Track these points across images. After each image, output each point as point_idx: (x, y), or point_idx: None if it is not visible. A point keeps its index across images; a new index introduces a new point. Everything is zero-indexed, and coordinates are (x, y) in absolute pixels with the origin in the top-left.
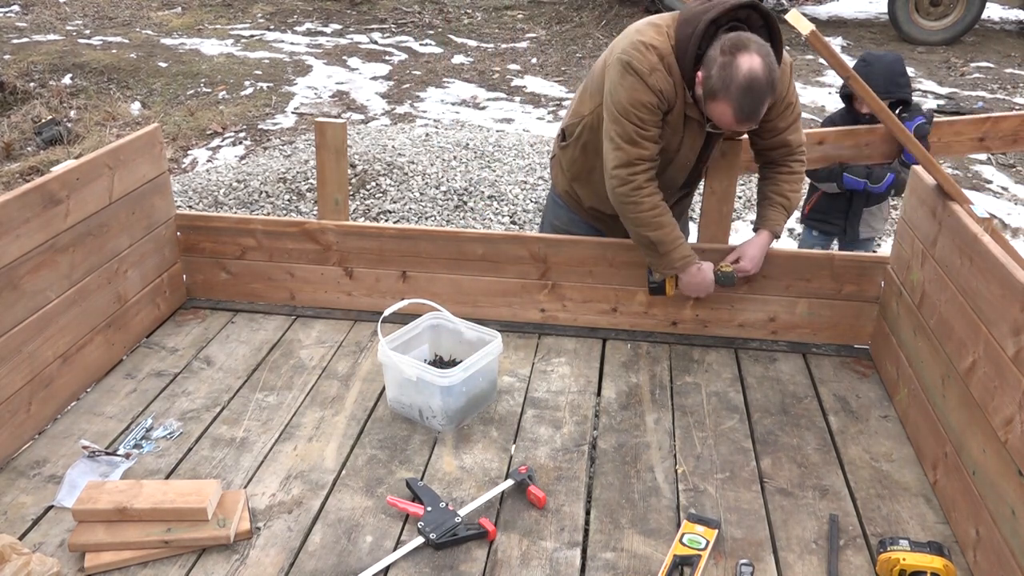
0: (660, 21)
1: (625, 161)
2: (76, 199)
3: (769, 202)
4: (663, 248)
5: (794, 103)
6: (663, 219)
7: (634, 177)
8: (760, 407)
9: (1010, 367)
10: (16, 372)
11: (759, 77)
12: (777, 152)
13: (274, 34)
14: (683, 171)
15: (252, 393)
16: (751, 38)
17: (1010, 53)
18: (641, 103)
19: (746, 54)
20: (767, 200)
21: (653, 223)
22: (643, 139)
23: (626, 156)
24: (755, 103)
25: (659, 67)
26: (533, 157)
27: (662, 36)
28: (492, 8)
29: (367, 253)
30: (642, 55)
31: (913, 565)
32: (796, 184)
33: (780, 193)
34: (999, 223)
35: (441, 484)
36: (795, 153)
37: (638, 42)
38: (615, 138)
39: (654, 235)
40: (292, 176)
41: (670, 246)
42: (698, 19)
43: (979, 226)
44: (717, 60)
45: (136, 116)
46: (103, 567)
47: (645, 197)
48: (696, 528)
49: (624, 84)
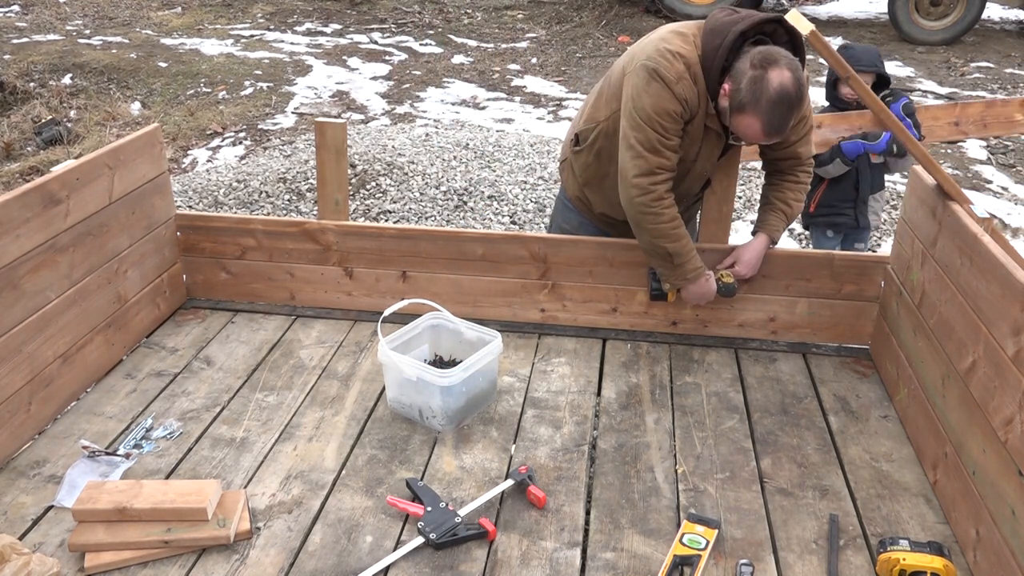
0: (685, 30)
1: (646, 170)
2: (76, 199)
3: (771, 207)
4: (679, 260)
5: (808, 116)
6: (680, 231)
7: (655, 187)
8: (760, 407)
9: (1010, 367)
10: (16, 372)
11: (789, 92)
12: (786, 163)
13: (274, 34)
14: (700, 180)
15: (252, 393)
16: (781, 52)
17: (1010, 53)
18: (667, 111)
19: (776, 69)
20: (769, 205)
21: (672, 235)
22: (665, 148)
23: (647, 165)
24: (784, 118)
25: (686, 76)
26: (533, 157)
27: (689, 45)
28: (492, 8)
29: (367, 253)
30: (669, 63)
31: (913, 565)
32: (800, 194)
33: (783, 200)
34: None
35: (441, 484)
36: (803, 164)
37: (664, 50)
38: (636, 145)
39: (672, 247)
40: (292, 176)
41: (685, 257)
42: (727, 30)
43: (979, 226)
44: (747, 73)
45: (136, 116)
46: (103, 567)
47: (665, 208)
48: (696, 528)
49: (650, 91)
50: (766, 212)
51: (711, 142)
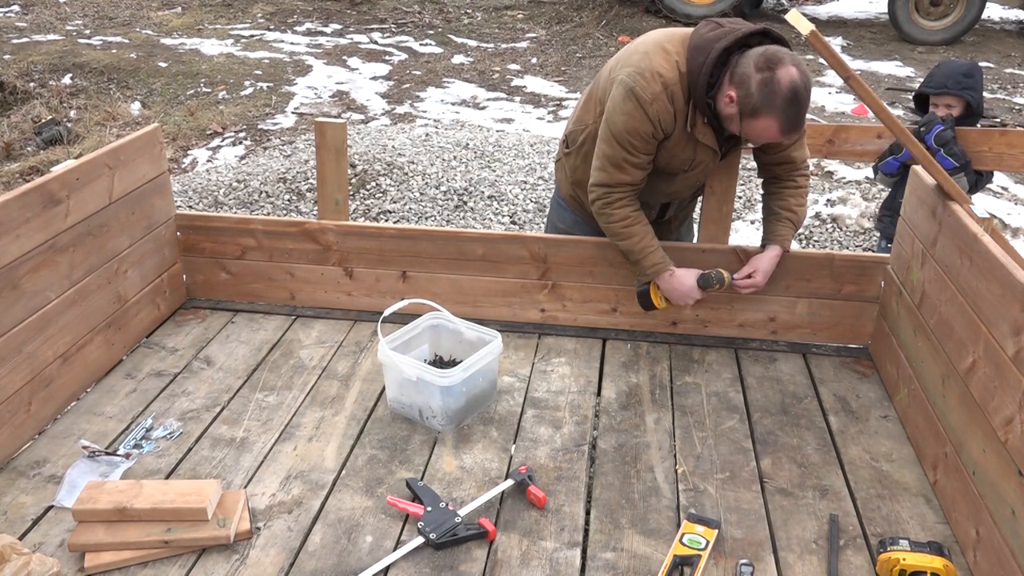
0: (670, 46)
1: (606, 182)
2: (76, 199)
3: (776, 217)
4: (632, 256)
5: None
6: (632, 229)
7: (609, 195)
8: (760, 407)
9: (1010, 367)
10: (16, 372)
11: (800, 87)
12: (781, 168)
13: (274, 34)
14: (691, 188)
15: (252, 393)
16: (782, 50)
17: (1010, 53)
18: (637, 131)
19: (784, 67)
20: (774, 215)
21: (622, 233)
22: (630, 166)
23: (608, 178)
24: (799, 114)
25: (662, 96)
26: (533, 157)
27: (670, 64)
28: (492, 8)
29: (367, 253)
30: (647, 82)
31: (913, 565)
32: (802, 199)
33: (787, 208)
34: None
35: (441, 484)
36: (799, 169)
37: (645, 69)
38: (602, 158)
39: (624, 244)
40: (292, 176)
41: (639, 255)
42: (710, 47)
43: (979, 226)
44: (755, 77)
45: (136, 116)
46: (103, 567)
47: (616, 210)
48: (696, 528)
49: (624, 109)
50: (772, 223)
51: (706, 154)
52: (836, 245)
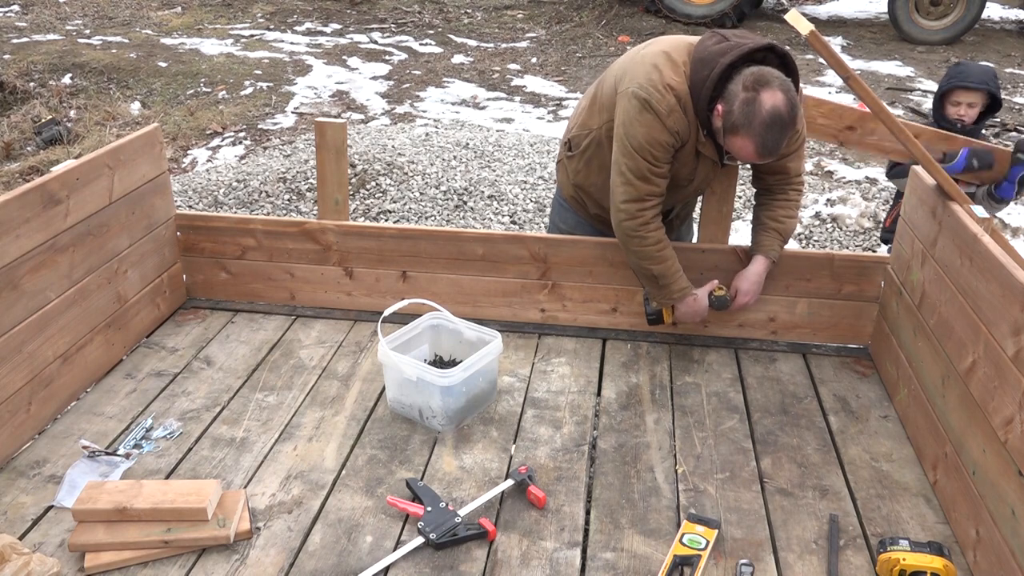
0: (676, 56)
1: (635, 197)
2: (76, 199)
3: (763, 228)
4: (663, 280)
5: (800, 131)
6: (665, 252)
7: (642, 213)
8: (760, 407)
9: (1010, 367)
10: (16, 372)
11: (782, 114)
12: (775, 178)
13: (274, 34)
14: (694, 194)
15: (252, 393)
16: (773, 74)
17: (1010, 53)
18: (658, 142)
19: (769, 91)
20: (761, 226)
21: (657, 257)
22: (655, 175)
23: (636, 192)
24: (777, 139)
25: (677, 108)
26: (533, 157)
27: (679, 76)
28: (492, 8)
29: (367, 253)
30: (662, 95)
31: (913, 565)
32: (792, 210)
33: (774, 218)
34: (999, 223)
35: (441, 484)
36: (792, 182)
37: (657, 81)
38: (626, 172)
39: (657, 268)
40: (292, 176)
41: (670, 279)
42: (715, 62)
43: (979, 226)
44: (739, 96)
45: (136, 116)
46: (103, 567)
47: (651, 232)
48: (696, 528)
49: (642, 121)
50: (759, 234)
51: (706, 165)
52: (836, 245)
